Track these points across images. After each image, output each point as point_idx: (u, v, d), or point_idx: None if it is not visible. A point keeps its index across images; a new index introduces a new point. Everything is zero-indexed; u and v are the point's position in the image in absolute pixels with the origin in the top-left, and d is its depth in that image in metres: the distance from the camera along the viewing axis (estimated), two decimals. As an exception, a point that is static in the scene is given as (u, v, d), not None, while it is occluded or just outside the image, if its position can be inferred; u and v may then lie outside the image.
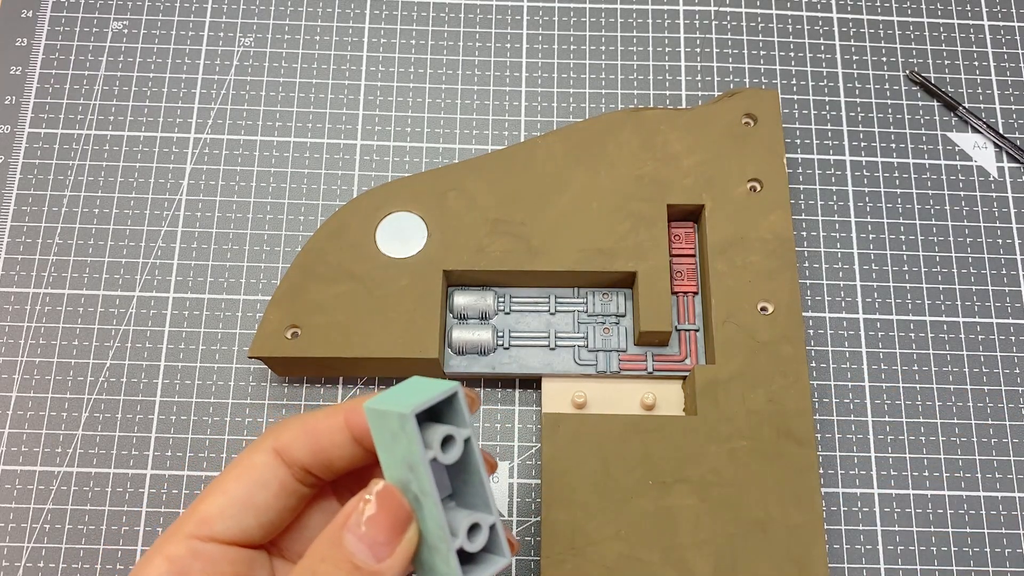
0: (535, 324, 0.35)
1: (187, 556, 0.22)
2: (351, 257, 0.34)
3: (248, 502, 0.23)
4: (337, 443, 0.23)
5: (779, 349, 0.33)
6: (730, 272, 0.34)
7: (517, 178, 0.36)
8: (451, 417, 0.21)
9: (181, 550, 0.22)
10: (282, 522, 0.24)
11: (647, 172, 0.36)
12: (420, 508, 0.21)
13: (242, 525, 0.23)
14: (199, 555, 0.22)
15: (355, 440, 0.23)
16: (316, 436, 0.23)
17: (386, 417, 0.21)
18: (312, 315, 0.33)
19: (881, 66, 0.41)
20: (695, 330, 0.35)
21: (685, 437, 0.32)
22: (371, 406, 0.21)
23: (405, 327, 0.33)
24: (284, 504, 0.23)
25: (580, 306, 0.35)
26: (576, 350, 0.34)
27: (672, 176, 0.36)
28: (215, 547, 0.23)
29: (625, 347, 0.34)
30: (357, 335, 0.33)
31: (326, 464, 0.23)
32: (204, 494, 0.23)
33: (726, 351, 0.33)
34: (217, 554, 0.23)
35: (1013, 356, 0.37)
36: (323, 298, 0.34)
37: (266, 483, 0.23)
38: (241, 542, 0.23)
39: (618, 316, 0.35)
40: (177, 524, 0.23)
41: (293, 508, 0.24)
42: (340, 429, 0.23)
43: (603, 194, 0.35)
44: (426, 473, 0.20)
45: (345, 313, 0.34)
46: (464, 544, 0.21)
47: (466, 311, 0.35)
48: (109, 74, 0.40)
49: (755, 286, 0.34)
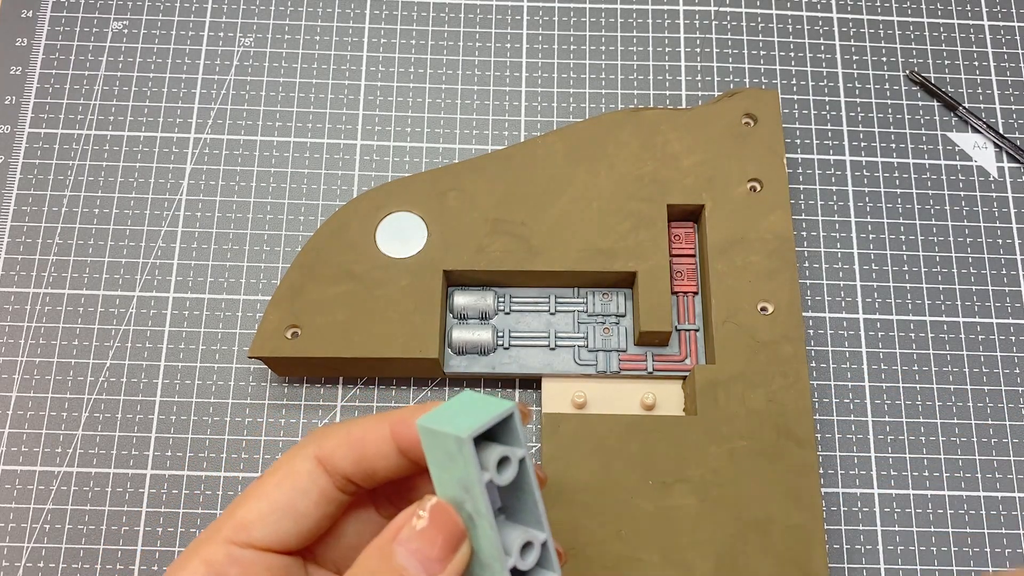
0: (535, 324, 0.35)
1: (225, 561, 0.22)
2: (351, 257, 0.34)
3: (288, 509, 0.23)
4: (382, 454, 0.23)
5: (779, 349, 0.33)
6: (730, 272, 0.34)
7: (517, 178, 0.36)
8: (505, 435, 0.21)
9: (219, 555, 0.22)
10: (320, 529, 0.24)
11: (647, 172, 0.36)
12: (473, 527, 0.21)
13: (280, 532, 0.23)
14: (236, 561, 0.22)
15: (400, 451, 0.23)
16: (361, 446, 0.23)
17: (441, 438, 0.20)
18: (312, 315, 0.33)
19: (881, 66, 0.41)
20: (695, 330, 0.35)
21: (685, 437, 0.32)
22: (425, 425, 0.21)
23: (405, 327, 0.33)
24: (323, 512, 0.23)
25: (580, 306, 0.35)
26: (576, 350, 0.34)
27: (672, 176, 0.35)
28: (252, 553, 0.22)
29: (625, 347, 0.34)
30: (357, 335, 0.33)
31: (369, 474, 0.23)
32: (242, 498, 0.23)
33: (726, 351, 0.33)
34: (254, 560, 0.22)
35: (1013, 356, 0.37)
36: (323, 298, 0.34)
37: (307, 490, 0.23)
38: (278, 548, 0.23)
39: (618, 316, 0.35)
40: (214, 527, 0.23)
41: (331, 515, 0.24)
42: (386, 440, 0.23)
43: (603, 194, 0.35)
44: (481, 495, 0.20)
45: (345, 313, 0.33)
46: (517, 563, 0.20)
47: (466, 311, 0.35)
48: (109, 74, 0.40)
49: (755, 286, 0.34)
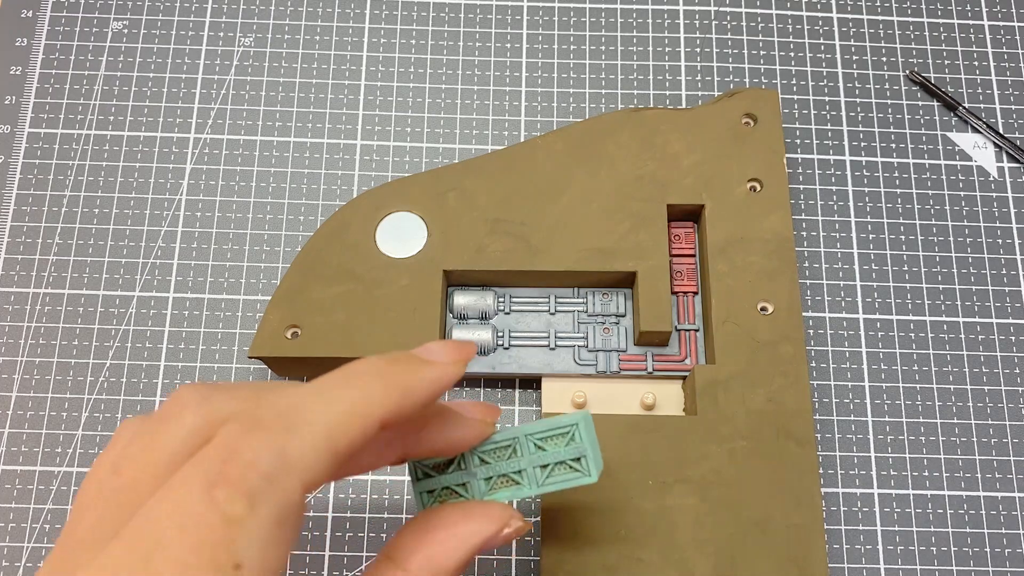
0: (535, 324, 0.35)
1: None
2: (351, 257, 0.34)
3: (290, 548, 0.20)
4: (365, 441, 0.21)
5: (779, 349, 0.33)
6: (730, 272, 0.34)
7: (517, 178, 0.36)
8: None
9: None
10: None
11: (647, 172, 0.35)
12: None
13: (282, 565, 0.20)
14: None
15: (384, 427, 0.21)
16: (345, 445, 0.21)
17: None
18: (312, 315, 0.33)
19: (881, 66, 0.41)
20: (695, 330, 0.35)
21: (685, 437, 0.32)
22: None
23: (405, 327, 0.33)
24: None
25: (580, 306, 0.35)
26: (576, 350, 0.34)
27: (672, 176, 0.35)
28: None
29: (625, 347, 0.34)
30: (357, 335, 0.33)
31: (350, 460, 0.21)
32: None
33: (726, 351, 0.33)
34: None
35: (1013, 356, 0.37)
36: (323, 298, 0.34)
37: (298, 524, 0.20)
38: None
39: (618, 316, 0.35)
40: None
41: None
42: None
43: (603, 194, 0.35)
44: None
45: (345, 313, 0.33)
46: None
47: (466, 311, 0.35)
48: (109, 74, 0.40)
49: (755, 286, 0.34)
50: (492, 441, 0.25)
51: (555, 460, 0.25)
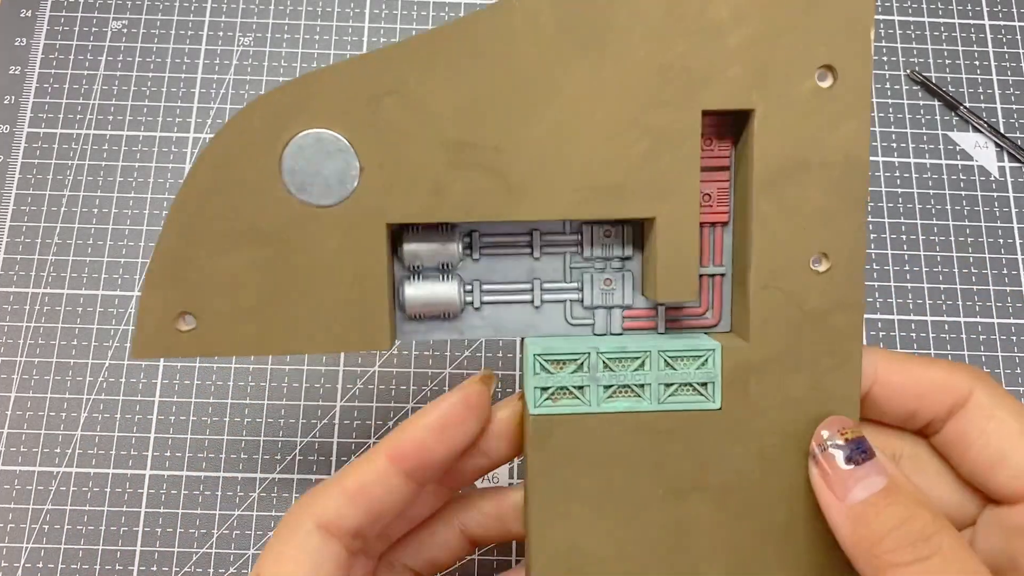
0: (514, 272, 0.26)
1: None
2: (250, 205, 0.24)
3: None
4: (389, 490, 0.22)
5: (830, 320, 0.25)
6: (778, 214, 0.24)
7: (486, 73, 0.24)
8: None
9: None
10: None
11: (675, 58, 0.24)
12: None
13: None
14: None
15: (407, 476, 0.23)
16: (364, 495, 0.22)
17: None
18: (208, 296, 0.24)
19: (882, 66, 0.41)
20: (721, 274, 0.26)
21: (705, 437, 0.25)
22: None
23: (341, 310, 0.24)
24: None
25: (573, 248, 0.26)
26: (568, 305, 0.26)
27: (711, 62, 0.24)
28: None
29: (631, 301, 0.26)
30: (276, 324, 0.24)
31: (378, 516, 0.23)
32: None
33: (764, 325, 0.25)
34: None
35: (1013, 356, 0.37)
36: (219, 270, 0.24)
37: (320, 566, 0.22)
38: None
39: (623, 259, 0.26)
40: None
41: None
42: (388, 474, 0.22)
43: (610, 97, 0.24)
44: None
45: (254, 293, 0.24)
46: None
47: (420, 261, 0.25)
48: (108, 74, 0.40)
49: (809, 233, 0.24)
50: (623, 350, 0.24)
51: (682, 381, 0.24)
